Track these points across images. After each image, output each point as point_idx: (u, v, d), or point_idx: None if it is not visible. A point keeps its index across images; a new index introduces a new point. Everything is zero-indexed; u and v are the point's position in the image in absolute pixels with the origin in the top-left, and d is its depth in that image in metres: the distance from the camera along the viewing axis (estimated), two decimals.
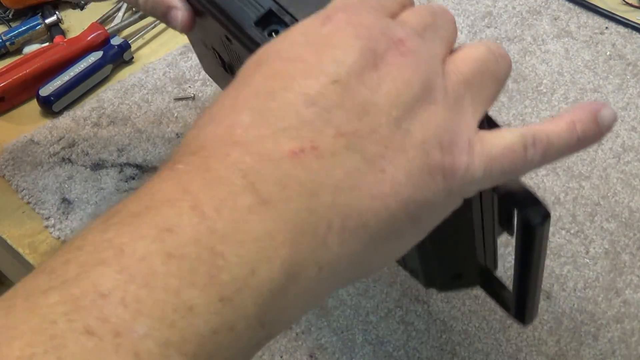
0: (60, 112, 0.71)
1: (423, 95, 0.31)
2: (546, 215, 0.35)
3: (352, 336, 0.54)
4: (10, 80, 0.72)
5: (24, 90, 0.73)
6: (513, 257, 0.38)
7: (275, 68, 0.31)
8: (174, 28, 0.51)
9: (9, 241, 0.62)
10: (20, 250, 0.61)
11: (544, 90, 0.69)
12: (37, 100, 0.71)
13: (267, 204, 0.27)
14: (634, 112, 0.66)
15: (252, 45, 0.44)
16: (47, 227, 0.62)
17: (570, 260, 0.57)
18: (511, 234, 0.42)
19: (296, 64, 0.31)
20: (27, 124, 0.71)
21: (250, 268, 0.26)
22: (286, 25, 0.42)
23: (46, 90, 0.71)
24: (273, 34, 0.43)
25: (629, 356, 0.51)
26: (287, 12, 0.43)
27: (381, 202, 0.29)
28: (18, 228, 0.63)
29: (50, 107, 0.71)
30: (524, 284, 0.41)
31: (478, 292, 0.55)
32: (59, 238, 0.61)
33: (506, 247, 0.57)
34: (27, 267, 0.62)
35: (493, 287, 0.45)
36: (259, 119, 0.29)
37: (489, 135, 0.32)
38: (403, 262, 0.47)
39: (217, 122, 0.30)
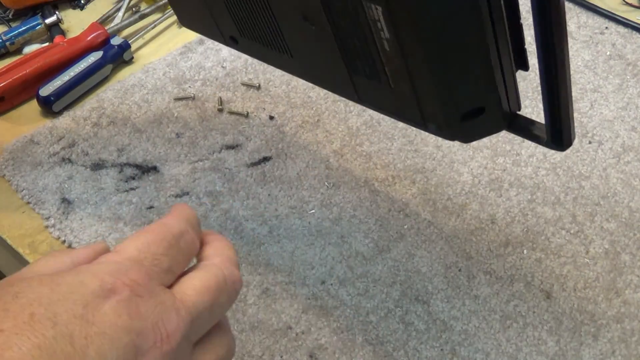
0: (60, 112, 0.71)
1: None
2: None
3: (352, 336, 0.54)
4: (10, 80, 0.72)
5: (24, 90, 0.73)
6: None
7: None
8: None
9: (9, 241, 0.62)
10: (20, 250, 0.61)
11: None
12: (37, 100, 0.71)
13: None
14: (634, 112, 0.66)
15: None
16: (47, 227, 0.62)
17: (570, 260, 0.57)
18: (525, 68, 0.43)
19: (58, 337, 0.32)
20: (27, 124, 0.71)
21: None
22: None
23: (46, 90, 0.71)
24: None
25: (629, 356, 0.51)
26: None
27: None
28: (18, 228, 0.63)
29: (50, 107, 0.71)
30: (554, 81, 0.39)
31: (478, 292, 0.55)
32: (59, 238, 0.61)
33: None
34: None
35: (520, 124, 0.44)
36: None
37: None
38: (422, 118, 0.45)
39: None
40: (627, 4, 0.77)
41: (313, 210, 0.62)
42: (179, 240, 0.38)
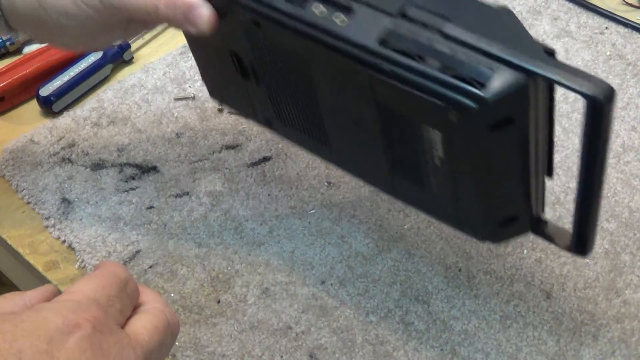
0: (60, 112, 0.71)
1: None
2: (611, 91, 0.38)
3: (352, 336, 0.54)
4: (10, 80, 0.72)
5: (24, 90, 0.73)
6: None
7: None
8: (198, 29, 0.51)
9: (9, 241, 0.62)
10: (20, 250, 0.61)
11: None
12: (37, 100, 0.71)
13: None
14: (634, 112, 0.66)
15: (284, 19, 0.45)
16: (47, 227, 0.62)
17: (570, 260, 0.57)
18: (550, 175, 0.47)
19: None
20: (27, 124, 0.71)
21: None
22: None
23: (46, 90, 0.71)
24: (301, 3, 0.44)
25: (629, 356, 0.51)
26: None
27: None
28: (18, 228, 0.63)
29: (50, 107, 0.71)
30: (591, 184, 0.42)
31: (478, 292, 0.55)
32: (59, 238, 0.61)
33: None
34: (27, 267, 0.62)
35: (545, 228, 0.48)
36: None
37: None
38: (459, 221, 0.49)
39: None
40: (627, 4, 0.77)
41: (313, 211, 0.62)
42: (126, 286, 0.40)
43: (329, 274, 0.58)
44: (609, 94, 0.38)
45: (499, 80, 0.39)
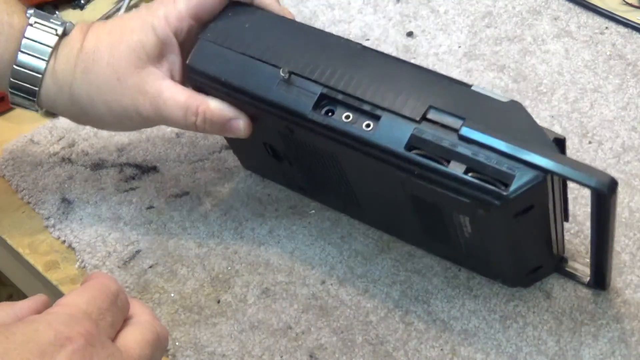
0: None
1: None
2: (614, 184, 0.43)
3: (352, 336, 0.54)
4: None
5: None
6: None
7: None
8: (236, 136, 0.55)
9: (9, 241, 0.62)
10: (20, 250, 0.61)
11: (544, 90, 0.69)
12: None
13: None
14: (634, 112, 0.66)
15: (315, 127, 0.50)
16: (47, 227, 0.62)
17: (570, 260, 0.57)
18: (567, 220, 0.54)
19: None
20: (27, 124, 0.71)
21: None
22: (338, 103, 0.49)
23: None
24: (329, 113, 0.49)
25: (629, 356, 0.51)
26: (337, 90, 0.49)
27: None
28: (18, 228, 0.63)
29: None
30: (602, 252, 0.49)
31: (478, 292, 0.55)
32: (59, 238, 0.61)
33: None
34: (27, 267, 0.62)
35: (567, 267, 0.55)
36: None
37: None
38: (488, 274, 0.55)
39: None
40: (627, 4, 0.77)
41: (313, 211, 0.62)
42: (117, 298, 0.40)
43: (329, 274, 0.57)
44: (612, 186, 0.43)
45: (520, 180, 0.44)
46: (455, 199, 0.47)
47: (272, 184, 0.64)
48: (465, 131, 0.46)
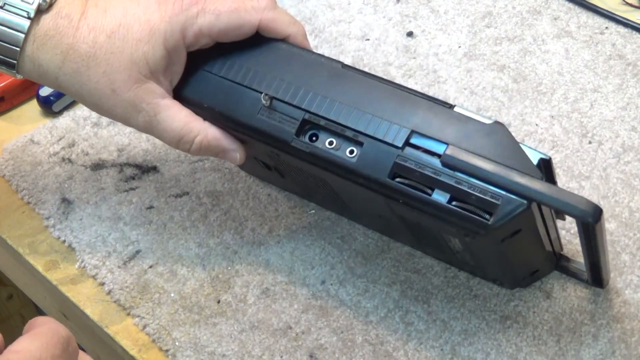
0: (60, 112, 0.71)
1: None
2: (598, 212, 0.43)
3: (352, 336, 0.54)
4: (10, 80, 0.72)
5: (24, 90, 0.73)
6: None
7: None
8: (229, 161, 0.55)
9: (9, 241, 0.62)
10: (20, 250, 0.61)
11: (544, 90, 0.69)
12: (37, 100, 0.71)
13: None
14: (634, 112, 0.66)
15: (299, 153, 0.50)
16: (47, 227, 0.62)
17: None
18: (562, 218, 0.53)
19: None
20: (27, 124, 0.71)
21: None
22: (321, 128, 0.49)
23: (46, 90, 0.71)
24: (313, 137, 0.49)
25: (629, 356, 0.51)
26: (318, 116, 0.49)
27: None
28: (18, 228, 0.63)
29: (50, 107, 0.71)
30: (595, 260, 0.50)
31: (478, 292, 0.55)
32: (59, 238, 0.61)
33: None
34: (27, 267, 0.62)
35: (567, 265, 0.55)
36: None
37: None
38: (485, 277, 0.55)
39: None
40: (627, 4, 0.77)
41: (313, 211, 0.62)
42: (69, 345, 0.39)
43: (329, 274, 0.58)
44: (597, 215, 0.43)
45: (504, 209, 0.44)
46: (441, 225, 0.47)
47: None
48: (448, 158, 0.45)
